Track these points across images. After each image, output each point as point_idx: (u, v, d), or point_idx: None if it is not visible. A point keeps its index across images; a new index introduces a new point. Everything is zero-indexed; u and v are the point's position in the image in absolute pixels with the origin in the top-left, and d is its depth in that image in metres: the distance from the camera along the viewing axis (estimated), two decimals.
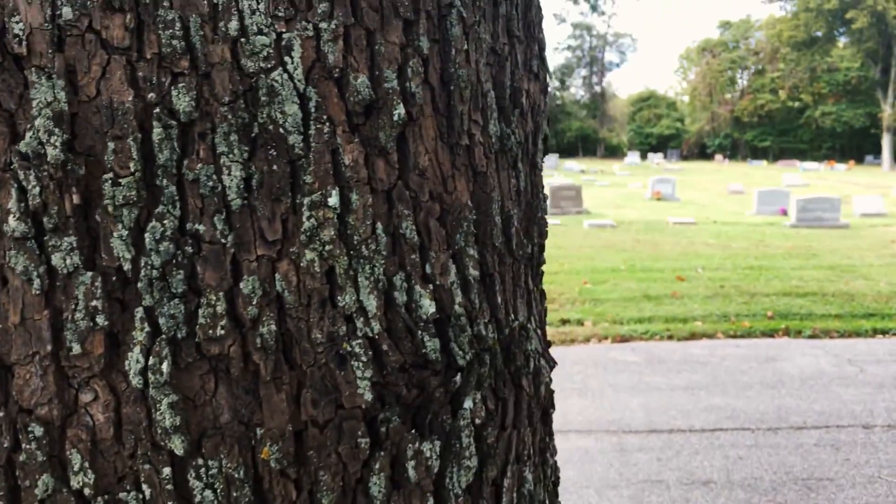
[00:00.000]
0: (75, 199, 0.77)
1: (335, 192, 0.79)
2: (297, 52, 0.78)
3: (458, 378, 0.86)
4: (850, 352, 6.73)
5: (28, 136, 0.77)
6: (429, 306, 0.84)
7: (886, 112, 53.67)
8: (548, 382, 1.05)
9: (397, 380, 0.81)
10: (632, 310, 8.40)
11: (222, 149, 0.76)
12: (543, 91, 1.16)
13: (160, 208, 0.77)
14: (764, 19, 65.31)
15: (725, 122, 67.57)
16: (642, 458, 4.68)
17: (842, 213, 17.49)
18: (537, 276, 1.12)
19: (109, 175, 0.77)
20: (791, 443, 4.72)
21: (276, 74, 0.77)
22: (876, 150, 57.66)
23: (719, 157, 63.09)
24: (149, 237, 0.77)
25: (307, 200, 0.78)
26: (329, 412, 0.80)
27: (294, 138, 0.78)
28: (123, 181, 0.77)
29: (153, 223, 0.77)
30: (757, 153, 64.99)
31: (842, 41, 60.63)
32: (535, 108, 1.10)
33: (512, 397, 0.95)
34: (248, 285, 0.77)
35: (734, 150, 66.74)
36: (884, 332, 7.44)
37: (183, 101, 0.77)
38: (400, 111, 0.83)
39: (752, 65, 68.29)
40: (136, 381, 0.78)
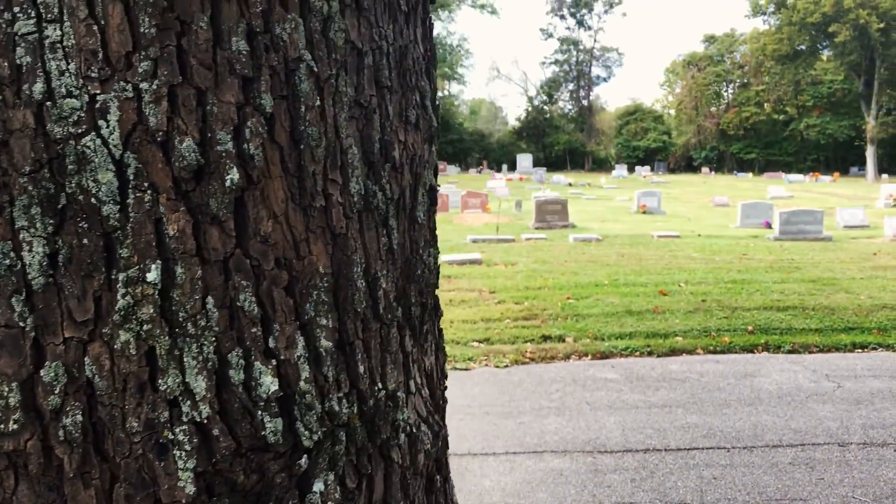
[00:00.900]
0: None
1: (156, 265, 0.73)
2: (113, 116, 0.72)
3: (305, 460, 0.79)
4: (828, 367, 6.69)
5: None
6: (270, 384, 0.77)
7: (870, 124, 54.03)
8: (429, 450, 0.98)
9: (232, 466, 0.74)
10: (613, 325, 8.35)
11: (21, 223, 0.69)
12: (428, 140, 1.10)
13: None
14: (748, 33, 65.80)
15: (711, 134, 67.87)
16: (616, 479, 4.61)
17: (825, 225, 17.54)
18: (422, 335, 1.05)
19: None
20: (766, 462, 4.66)
21: (88, 140, 0.71)
22: (860, 162, 58.00)
23: (706, 169, 63.33)
24: None
25: (123, 276, 0.72)
26: None
27: (109, 208, 0.71)
28: None
29: None
30: (743, 165, 65.27)
31: (825, 54, 61.10)
32: (416, 160, 1.05)
33: (380, 471, 0.89)
34: (50, 372, 0.70)
35: (720, 163, 67.01)
36: (863, 347, 7.41)
37: None
38: (234, 176, 0.76)
39: (737, 78, 68.71)
40: None
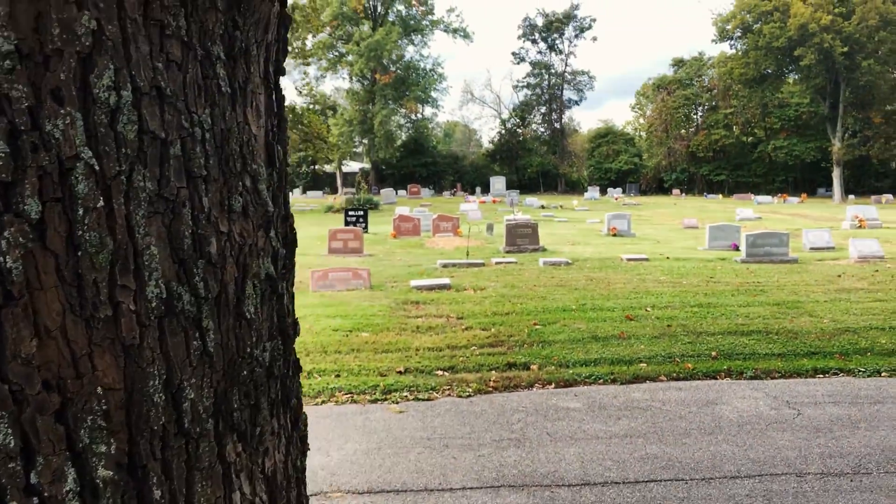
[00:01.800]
0: None
1: None
2: None
3: None
4: (789, 393, 6.72)
5: None
6: None
7: (836, 146, 55.13)
8: None
9: None
10: (579, 352, 8.33)
11: None
12: (263, 226, 1.03)
13: None
14: (716, 57, 67.02)
15: (682, 156, 68.81)
16: None
17: (791, 247, 17.76)
18: (255, 438, 0.98)
19: None
20: (723, 494, 4.64)
21: None
22: (827, 183, 59.09)
23: (676, 191, 64.19)
24: None
25: None
26: None
27: None
28: None
29: None
30: (713, 187, 66.22)
31: (792, 78, 62.40)
32: (244, 250, 0.97)
33: None
34: None
35: (691, 184, 67.90)
36: (824, 372, 7.46)
37: None
38: None
39: (706, 101, 69.87)
40: None
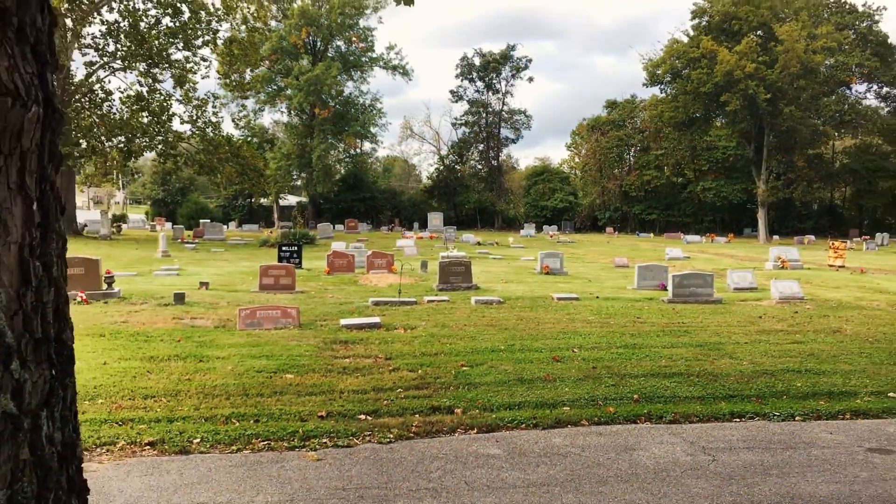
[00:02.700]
0: None
1: None
2: None
3: None
4: (706, 438, 6.81)
5: None
6: None
7: (761, 188, 57.30)
8: None
9: None
10: (503, 395, 8.31)
11: None
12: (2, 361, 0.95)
13: None
14: (647, 100, 69.23)
15: (615, 195, 70.51)
16: None
17: (716, 287, 18.24)
18: None
19: None
20: None
21: None
22: (753, 224, 61.29)
23: (610, 229, 65.61)
24: None
25: None
26: None
27: None
28: None
29: None
30: (645, 225, 67.99)
31: (719, 121, 64.83)
32: None
33: None
34: None
35: (624, 223, 69.54)
36: (741, 416, 7.60)
37: None
38: None
39: (638, 142, 71.99)
40: None
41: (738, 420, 7.50)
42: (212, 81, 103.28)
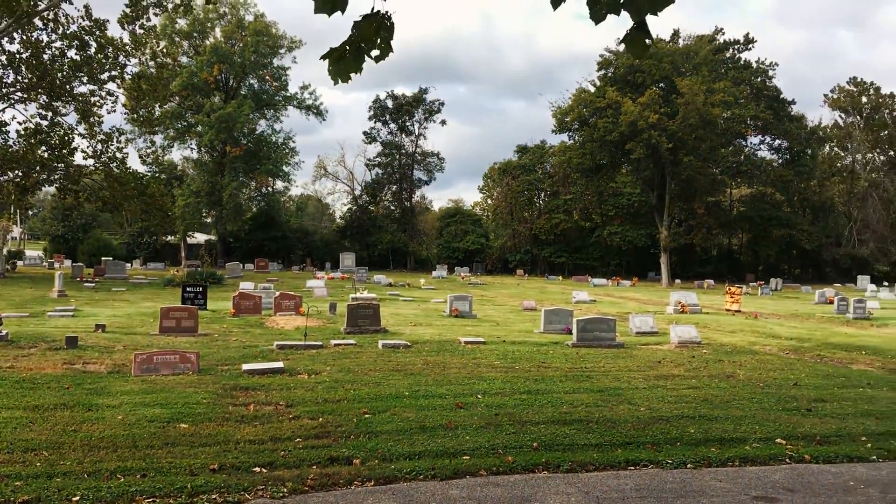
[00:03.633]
0: None
1: None
2: None
3: None
4: (600, 487, 6.90)
5: None
6: None
7: (663, 234, 59.63)
8: None
9: None
10: (404, 444, 8.21)
11: None
12: None
13: None
14: (556, 146, 71.27)
15: (525, 238, 71.93)
16: None
17: (619, 331, 18.73)
18: None
19: None
20: None
21: None
22: (657, 268, 63.51)
23: (520, 271, 66.78)
24: None
25: None
26: None
27: None
28: None
29: None
30: (554, 268, 69.49)
31: (625, 168, 67.31)
32: None
33: None
34: None
35: (534, 265, 70.90)
36: (635, 464, 7.75)
37: None
38: None
39: (548, 187, 73.86)
40: None
41: (633, 468, 7.64)
42: (118, 116, 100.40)
